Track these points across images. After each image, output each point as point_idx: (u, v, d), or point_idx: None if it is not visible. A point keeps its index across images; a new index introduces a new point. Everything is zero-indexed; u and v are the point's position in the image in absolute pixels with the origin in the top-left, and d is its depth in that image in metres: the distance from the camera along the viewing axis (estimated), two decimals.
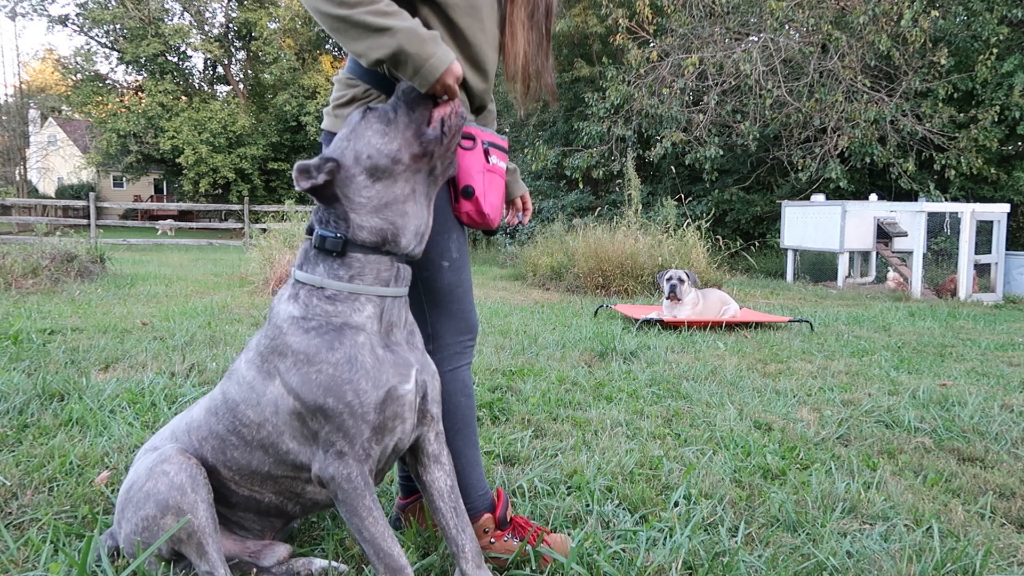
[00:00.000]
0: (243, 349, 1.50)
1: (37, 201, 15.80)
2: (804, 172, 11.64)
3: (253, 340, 1.46)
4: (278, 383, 1.37)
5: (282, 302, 1.41)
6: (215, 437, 1.46)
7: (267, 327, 1.42)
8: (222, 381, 1.50)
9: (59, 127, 40.73)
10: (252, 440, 1.42)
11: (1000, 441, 2.72)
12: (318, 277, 1.38)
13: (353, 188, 1.38)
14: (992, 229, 9.23)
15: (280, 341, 1.37)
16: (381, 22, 1.35)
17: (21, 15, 33.96)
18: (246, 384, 1.42)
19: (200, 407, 1.53)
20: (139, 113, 26.13)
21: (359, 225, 1.37)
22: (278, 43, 27.01)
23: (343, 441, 1.33)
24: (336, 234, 1.37)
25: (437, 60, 1.37)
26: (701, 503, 2.03)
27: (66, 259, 7.72)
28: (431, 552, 1.70)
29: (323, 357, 1.33)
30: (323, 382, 1.32)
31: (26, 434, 2.43)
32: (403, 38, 1.35)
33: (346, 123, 1.42)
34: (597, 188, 15.01)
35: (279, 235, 8.25)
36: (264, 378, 1.39)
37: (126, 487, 1.49)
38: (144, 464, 1.49)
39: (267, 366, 1.39)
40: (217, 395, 1.49)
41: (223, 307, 6.04)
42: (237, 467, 1.45)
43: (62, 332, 4.47)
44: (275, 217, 9.94)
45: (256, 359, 1.42)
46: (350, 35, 1.36)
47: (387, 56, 1.36)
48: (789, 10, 10.95)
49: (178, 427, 1.55)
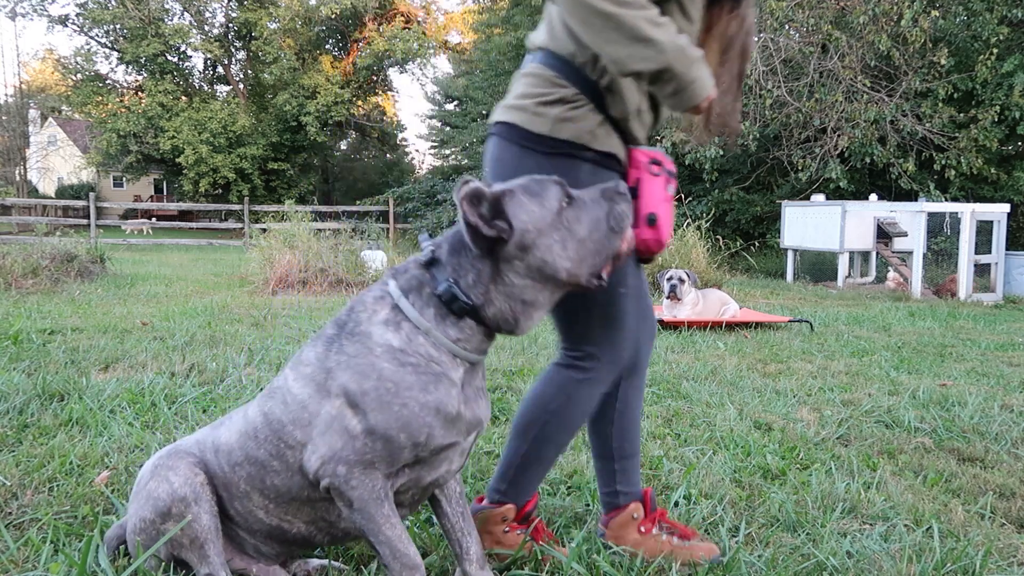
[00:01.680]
0: (290, 364, 1.41)
1: (37, 201, 15.83)
2: (804, 172, 11.64)
3: (309, 354, 1.38)
4: (339, 402, 1.30)
5: (377, 325, 1.32)
6: (253, 463, 1.39)
7: (345, 343, 1.33)
8: (259, 401, 1.43)
9: (59, 127, 40.73)
10: (295, 463, 1.35)
11: (1000, 441, 2.72)
12: (426, 322, 1.31)
13: (507, 266, 1.29)
14: (992, 229, 9.23)
15: (366, 362, 1.29)
16: (652, 33, 1.27)
17: (21, 15, 33.99)
18: (296, 403, 1.34)
19: (232, 430, 1.45)
20: (139, 113, 26.11)
21: (491, 301, 1.30)
22: (278, 43, 26.99)
23: (383, 461, 1.29)
24: (468, 300, 1.29)
25: (700, 85, 1.32)
26: (701, 503, 2.03)
27: (66, 259, 7.72)
28: (431, 552, 1.70)
29: (413, 395, 1.28)
30: (404, 417, 1.27)
31: (26, 434, 2.43)
32: (673, 56, 1.28)
33: (544, 193, 1.29)
34: None
35: (279, 235, 8.26)
36: (321, 396, 1.31)
37: (137, 480, 1.49)
38: (149, 464, 1.48)
39: (332, 385, 1.31)
40: (256, 418, 1.40)
41: (223, 307, 6.05)
42: (276, 494, 1.39)
43: (62, 332, 4.46)
44: (275, 217, 9.93)
45: (318, 374, 1.33)
46: (610, 37, 1.27)
47: (651, 70, 1.29)
48: (789, 10, 10.95)
49: (205, 442, 1.49)
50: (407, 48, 27.46)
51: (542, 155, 1.45)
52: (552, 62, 1.45)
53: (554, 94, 1.43)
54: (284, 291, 7.38)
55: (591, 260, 1.31)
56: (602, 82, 1.42)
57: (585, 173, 1.44)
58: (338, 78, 28.19)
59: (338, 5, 26.50)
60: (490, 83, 19.22)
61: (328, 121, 27.96)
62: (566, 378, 1.57)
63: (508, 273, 1.29)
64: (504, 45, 16.84)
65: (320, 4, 26.89)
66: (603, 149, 1.45)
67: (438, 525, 1.57)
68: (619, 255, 1.35)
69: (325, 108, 26.82)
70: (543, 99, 1.44)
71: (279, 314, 5.65)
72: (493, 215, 1.26)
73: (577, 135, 1.43)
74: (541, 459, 1.62)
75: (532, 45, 1.54)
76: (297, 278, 7.52)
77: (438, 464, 1.36)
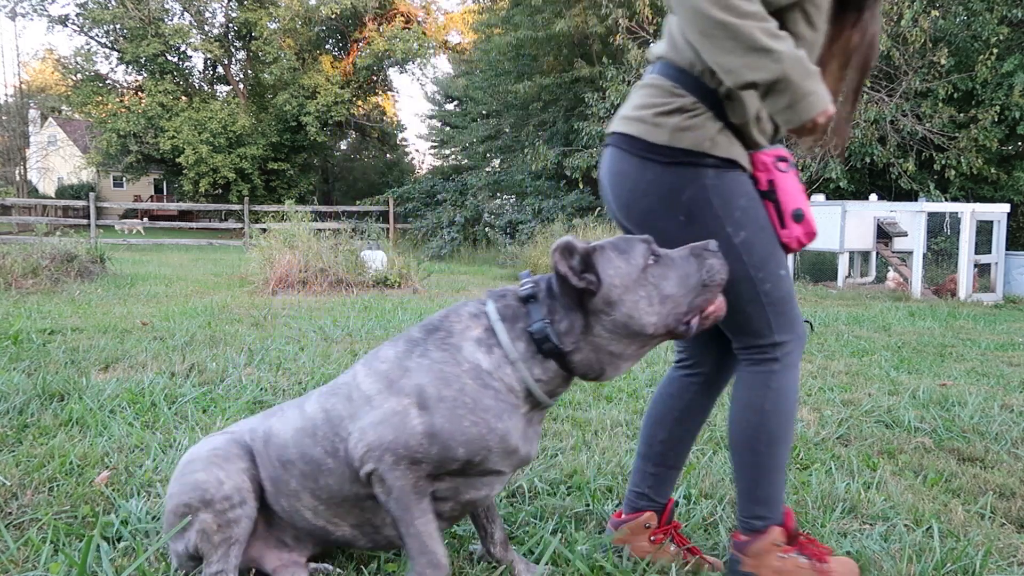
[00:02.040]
0: (362, 361, 1.40)
1: (37, 201, 15.84)
2: (804, 172, 11.63)
3: (388, 352, 1.38)
4: (407, 401, 1.30)
5: (469, 341, 1.34)
6: (308, 462, 1.38)
7: (431, 349, 1.34)
8: (320, 397, 1.42)
9: (59, 127, 40.74)
10: (343, 473, 1.35)
11: (1000, 441, 2.72)
12: (516, 354, 1.33)
13: (595, 319, 1.32)
14: (992, 229, 9.23)
15: (451, 372, 1.31)
16: (769, 43, 1.26)
17: (21, 15, 34.01)
18: (362, 398, 1.34)
19: (287, 425, 1.43)
20: (139, 113, 26.12)
21: (578, 350, 1.33)
22: (278, 43, 26.99)
23: (431, 463, 1.30)
24: (559, 347, 1.32)
25: (816, 98, 1.30)
26: (701, 503, 2.03)
27: (66, 259, 7.72)
28: None
29: (487, 419, 1.30)
30: (471, 435, 1.29)
31: (26, 434, 2.43)
32: (790, 66, 1.27)
33: (631, 251, 1.33)
34: (597, 188, 15.00)
35: (279, 235, 8.26)
36: (389, 392, 1.32)
37: (186, 458, 1.49)
38: (203, 449, 1.47)
39: (406, 383, 1.31)
40: (315, 415, 1.39)
41: (223, 307, 6.04)
42: (328, 495, 1.39)
43: (62, 332, 4.46)
44: (275, 217, 9.93)
45: (393, 372, 1.34)
46: (725, 46, 1.28)
47: (766, 80, 1.28)
48: None
49: (257, 431, 1.47)
50: (407, 48, 27.46)
51: (662, 165, 1.45)
52: (670, 72, 1.46)
53: (672, 104, 1.44)
54: (284, 291, 7.38)
55: (678, 312, 1.33)
56: (721, 90, 1.42)
57: (709, 178, 1.44)
58: (338, 78, 28.18)
59: (338, 5, 26.50)
60: (490, 83, 19.20)
61: (328, 121, 27.96)
62: (765, 374, 1.54)
63: (596, 326, 1.32)
64: (504, 45, 16.81)
65: (320, 4, 26.89)
66: (724, 156, 1.45)
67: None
68: (709, 306, 1.36)
69: (325, 108, 26.82)
70: (661, 109, 1.44)
71: (279, 314, 5.65)
72: (583, 268, 1.30)
73: (696, 143, 1.43)
74: (779, 464, 1.56)
75: (652, 56, 1.55)
76: (297, 278, 7.52)
77: (480, 486, 1.38)
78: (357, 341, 4.47)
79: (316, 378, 3.36)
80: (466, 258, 14.18)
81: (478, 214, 15.66)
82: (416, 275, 8.33)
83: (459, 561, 1.66)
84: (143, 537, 1.73)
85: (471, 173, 18.70)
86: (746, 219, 1.45)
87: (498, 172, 18.78)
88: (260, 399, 3.00)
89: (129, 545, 1.68)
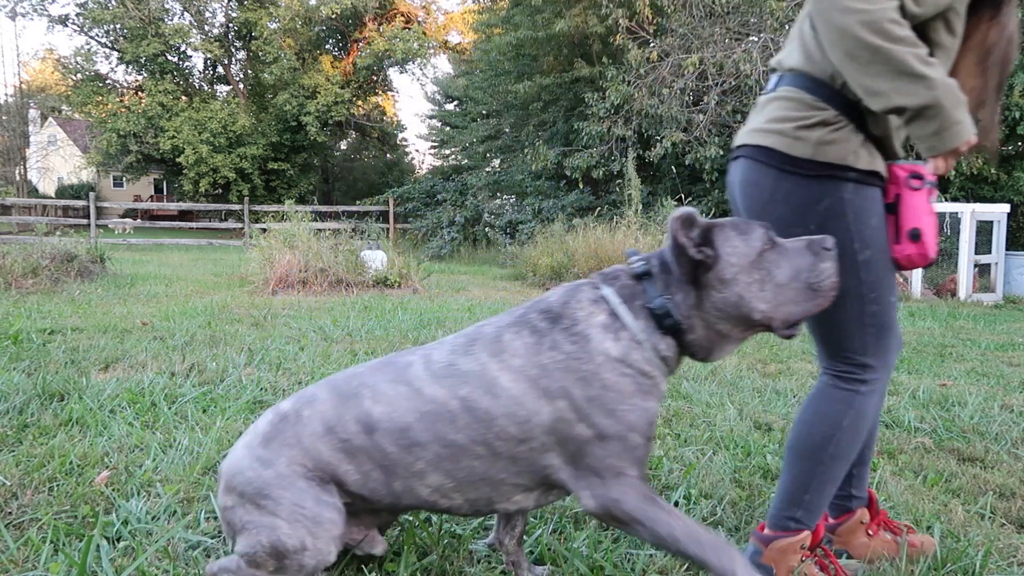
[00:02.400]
0: (486, 348, 1.36)
1: (37, 201, 15.83)
2: None
3: (516, 344, 1.35)
4: (562, 405, 1.30)
5: (596, 329, 1.33)
6: (449, 446, 1.33)
7: (560, 340, 1.33)
8: (440, 381, 1.36)
9: (59, 127, 40.73)
10: (503, 453, 1.33)
11: (1000, 441, 2.72)
12: (641, 334, 1.33)
13: (706, 296, 1.33)
14: (992, 229, 9.23)
15: (588, 369, 1.30)
16: (922, 69, 1.27)
17: (21, 15, 33.99)
18: (508, 397, 1.31)
19: (398, 408, 1.36)
20: (139, 113, 26.11)
21: (693, 327, 1.34)
22: (278, 43, 26.98)
23: (631, 465, 1.30)
24: (679, 321, 1.33)
25: (963, 127, 1.30)
26: (701, 503, 2.03)
27: (66, 259, 7.72)
28: (431, 551, 1.70)
29: (636, 402, 1.31)
30: (631, 420, 1.29)
31: (26, 434, 2.43)
32: (942, 93, 1.27)
33: (750, 232, 1.33)
34: (597, 188, 15.01)
35: (279, 235, 8.26)
36: (537, 395, 1.31)
37: (257, 432, 1.42)
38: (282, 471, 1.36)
39: (550, 384, 1.31)
40: (448, 401, 1.34)
41: (223, 307, 6.04)
42: (467, 475, 1.36)
43: (62, 332, 4.46)
44: (275, 217, 9.93)
45: (530, 369, 1.32)
46: (873, 70, 1.28)
47: (916, 106, 1.28)
48: (789, 10, 10.95)
49: (343, 421, 1.38)
50: (407, 48, 27.45)
51: (802, 177, 1.46)
52: (807, 84, 1.46)
53: (814, 117, 1.44)
54: (284, 291, 7.38)
55: (787, 308, 1.33)
56: (863, 102, 1.42)
57: (848, 192, 1.45)
58: (338, 78, 28.18)
59: (338, 5, 26.49)
60: (490, 83, 19.19)
61: (328, 121, 27.96)
62: (850, 393, 1.56)
63: (706, 302, 1.32)
64: (504, 45, 16.80)
65: (320, 4, 26.88)
66: (866, 168, 1.46)
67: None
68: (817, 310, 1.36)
69: (325, 108, 26.82)
70: (802, 123, 1.45)
71: (279, 314, 5.65)
72: (701, 242, 1.31)
73: (841, 157, 1.44)
74: (835, 479, 1.59)
75: (782, 67, 1.55)
76: (297, 278, 7.52)
77: None
78: (357, 341, 4.47)
79: (316, 378, 3.36)
80: (466, 258, 14.18)
81: (478, 214, 15.66)
82: (416, 275, 8.33)
83: (458, 561, 1.66)
84: (143, 537, 1.73)
85: (471, 173, 18.69)
86: (874, 239, 1.47)
87: (498, 172, 18.77)
88: (260, 399, 3.00)
89: (129, 545, 1.68)
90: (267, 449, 1.39)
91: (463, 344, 1.39)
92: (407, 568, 1.61)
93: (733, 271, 1.30)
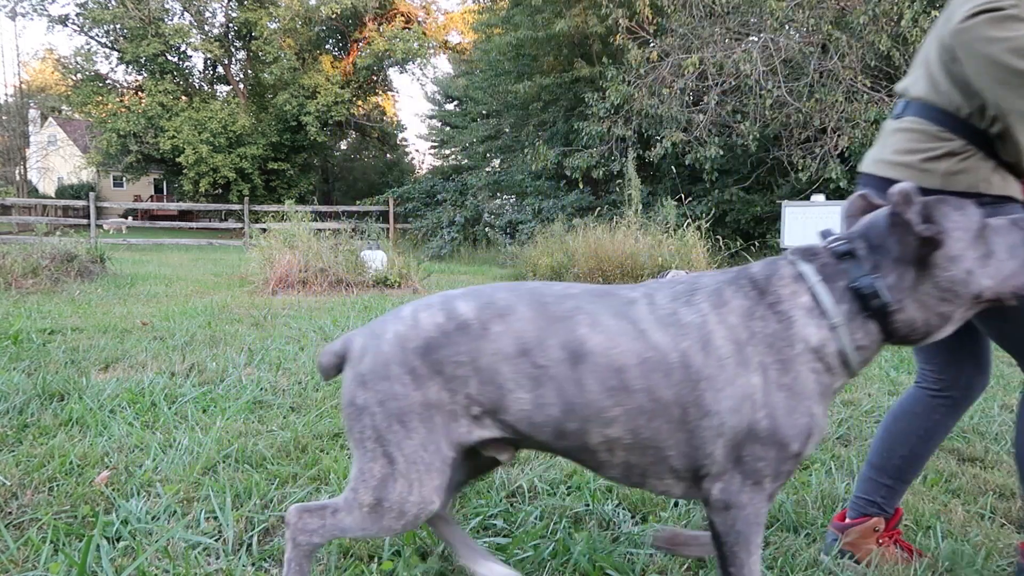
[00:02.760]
0: (708, 299, 1.26)
1: (37, 201, 15.82)
2: (804, 172, 11.64)
3: (736, 302, 1.25)
4: (756, 381, 1.20)
5: (799, 311, 1.24)
6: (654, 400, 1.22)
7: (766, 314, 1.24)
8: (666, 329, 1.24)
9: (59, 127, 40.73)
10: (689, 422, 1.22)
11: (1000, 441, 2.72)
12: (840, 319, 1.23)
13: (927, 275, 1.23)
14: None
15: (789, 356, 1.22)
16: None
17: (21, 15, 33.99)
18: (716, 358, 1.22)
19: (620, 346, 1.23)
20: (139, 113, 26.10)
21: (903, 308, 1.24)
22: (278, 43, 26.98)
23: (770, 478, 1.23)
24: (888, 302, 1.23)
25: None
26: (701, 503, 2.03)
27: (66, 259, 7.71)
28: (431, 552, 1.70)
29: (813, 408, 1.22)
30: (802, 426, 1.21)
31: (26, 434, 2.43)
32: None
33: (966, 208, 1.27)
34: (597, 188, 15.01)
35: (279, 235, 8.26)
36: (739, 363, 1.21)
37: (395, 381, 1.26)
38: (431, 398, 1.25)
39: (752, 354, 1.21)
40: (668, 351, 1.22)
41: (223, 307, 6.04)
42: (650, 435, 1.24)
43: (62, 332, 4.46)
44: (275, 217, 9.92)
45: (740, 333, 1.23)
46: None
47: None
48: (789, 10, 10.96)
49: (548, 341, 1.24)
50: (407, 48, 27.44)
51: None
52: (933, 115, 1.47)
53: (940, 148, 1.45)
54: (284, 291, 7.38)
55: (1013, 281, 1.27)
56: (992, 130, 1.43)
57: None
58: (338, 78, 28.18)
59: (338, 5, 26.49)
60: (490, 83, 19.18)
61: (328, 121, 27.96)
62: (935, 405, 1.67)
63: (927, 282, 1.24)
64: (504, 45, 16.79)
65: (320, 4, 26.88)
66: (999, 193, 1.47)
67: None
68: None
69: (325, 108, 26.82)
70: (929, 155, 1.47)
71: (279, 314, 5.65)
72: (923, 219, 1.23)
73: (972, 185, 1.45)
74: (918, 470, 1.74)
75: (908, 94, 1.56)
76: (297, 278, 7.52)
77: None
78: None
79: (316, 378, 3.36)
80: (466, 258, 14.18)
81: (478, 214, 15.65)
82: (416, 275, 8.33)
83: (458, 561, 1.66)
84: (143, 537, 1.73)
85: (471, 173, 18.68)
86: None
87: (498, 172, 18.77)
88: (260, 399, 3.00)
89: (129, 545, 1.68)
90: (424, 360, 1.25)
91: (684, 291, 1.29)
92: (407, 568, 1.61)
93: (960, 247, 1.23)
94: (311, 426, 2.66)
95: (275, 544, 1.75)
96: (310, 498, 2.02)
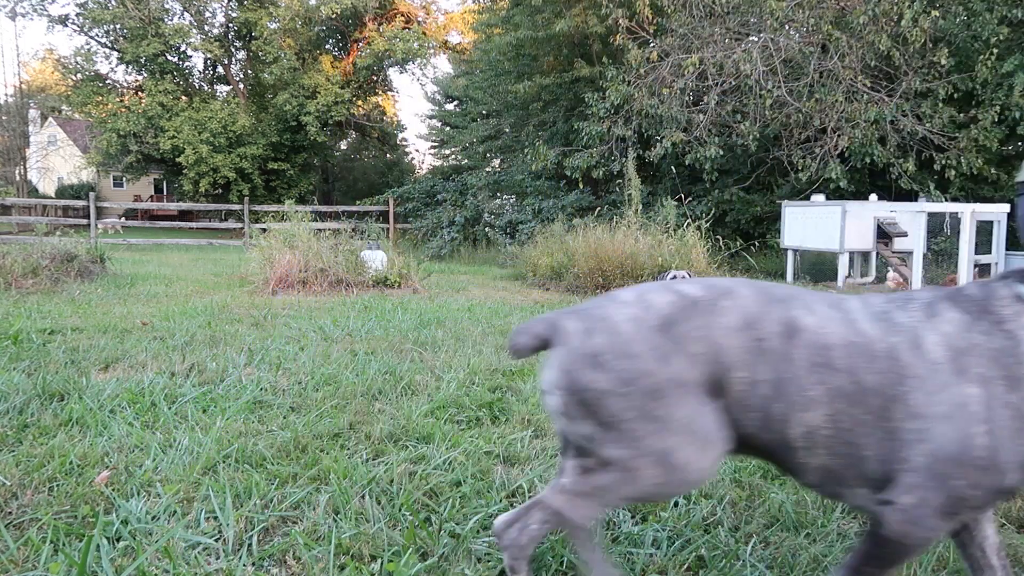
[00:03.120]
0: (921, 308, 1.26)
1: (37, 201, 15.82)
2: (804, 172, 11.64)
3: (951, 313, 1.23)
4: (973, 392, 1.15)
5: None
6: (855, 383, 1.21)
7: (991, 330, 1.20)
8: (876, 323, 1.26)
9: (59, 127, 40.74)
10: (892, 420, 1.19)
11: None
12: None
13: None
14: (992, 229, 9.24)
15: (1018, 375, 1.15)
16: None
17: (21, 15, 33.97)
18: (927, 361, 1.19)
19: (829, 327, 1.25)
20: (139, 113, 26.11)
21: None
22: (278, 43, 26.97)
23: (970, 508, 1.16)
24: None
25: None
26: (701, 503, 2.03)
27: (66, 259, 7.72)
28: (431, 554, 1.70)
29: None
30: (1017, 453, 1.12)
31: (26, 434, 2.43)
32: None
33: None
34: (597, 188, 15.01)
35: (279, 235, 8.26)
36: (953, 371, 1.17)
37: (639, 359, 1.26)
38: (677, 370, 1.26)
39: (969, 363, 1.17)
40: (875, 338, 1.23)
41: (223, 307, 6.04)
42: (849, 425, 1.21)
43: (62, 332, 4.46)
44: (275, 217, 9.93)
45: (957, 341, 1.19)
46: None
47: None
48: (789, 10, 10.96)
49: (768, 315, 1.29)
50: (407, 48, 27.45)
51: None
52: None
53: None
54: (284, 291, 7.38)
55: None
56: None
57: None
58: (338, 78, 28.18)
59: (338, 5, 26.49)
60: (490, 83, 19.18)
61: (328, 121, 27.96)
62: None
63: None
64: (504, 45, 16.79)
65: (320, 4, 26.88)
66: None
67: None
68: None
69: (325, 108, 26.82)
70: None
71: (279, 314, 5.65)
72: None
73: None
74: None
75: None
76: (297, 278, 7.52)
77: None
78: (357, 341, 4.47)
79: (316, 378, 3.36)
80: (466, 258, 14.17)
81: (478, 214, 15.65)
82: (416, 275, 8.33)
83: (458, 561, 1.66)
84: (143, 537, 1.73)
85: (471, 173, 18.69)
86: None
87: (498, 172, 18.78)
88: (260, 399, 3.00)
89: (129, 545, 1.68)
90: (665, 336, 1.27)
91: (899, 300, 1.30)
92: (407, 568, 1.61)
93: None
94: (311, 426, 2.66)
95: (275, 544, 1.75)
96: (310, 498, 2.01)
